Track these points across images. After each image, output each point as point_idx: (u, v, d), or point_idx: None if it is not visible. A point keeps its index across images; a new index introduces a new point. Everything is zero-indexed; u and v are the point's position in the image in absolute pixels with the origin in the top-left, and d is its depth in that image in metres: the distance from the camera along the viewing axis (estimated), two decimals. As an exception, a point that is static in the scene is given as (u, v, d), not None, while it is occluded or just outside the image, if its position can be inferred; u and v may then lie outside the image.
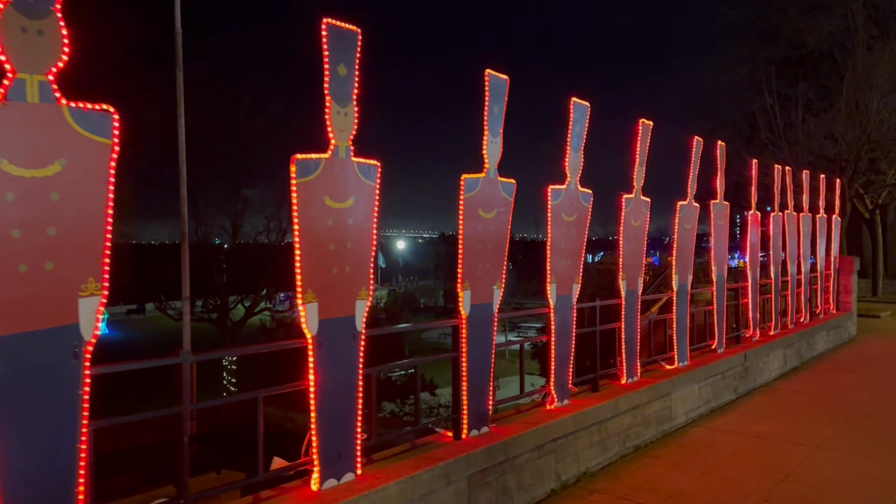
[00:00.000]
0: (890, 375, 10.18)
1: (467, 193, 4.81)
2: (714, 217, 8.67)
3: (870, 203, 23.89)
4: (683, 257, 7.87)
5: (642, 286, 7.09)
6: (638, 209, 6.89)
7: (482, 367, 4.99)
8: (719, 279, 8.78)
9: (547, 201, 5.68)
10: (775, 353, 9.98)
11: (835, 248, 14.01)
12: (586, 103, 5.92)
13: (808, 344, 11.46)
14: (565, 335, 5.89)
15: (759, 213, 10.03)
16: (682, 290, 7.85)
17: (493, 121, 4.95)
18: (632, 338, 6.87)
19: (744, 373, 8.84)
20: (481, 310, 4.96)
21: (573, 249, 5.94)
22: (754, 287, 9.88)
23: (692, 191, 7.87)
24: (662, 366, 7.66)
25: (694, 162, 7.87)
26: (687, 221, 7.86)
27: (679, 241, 7.75)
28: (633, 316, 6.90)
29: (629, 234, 6.80)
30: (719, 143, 8.73)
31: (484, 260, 4.95)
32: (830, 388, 9.23)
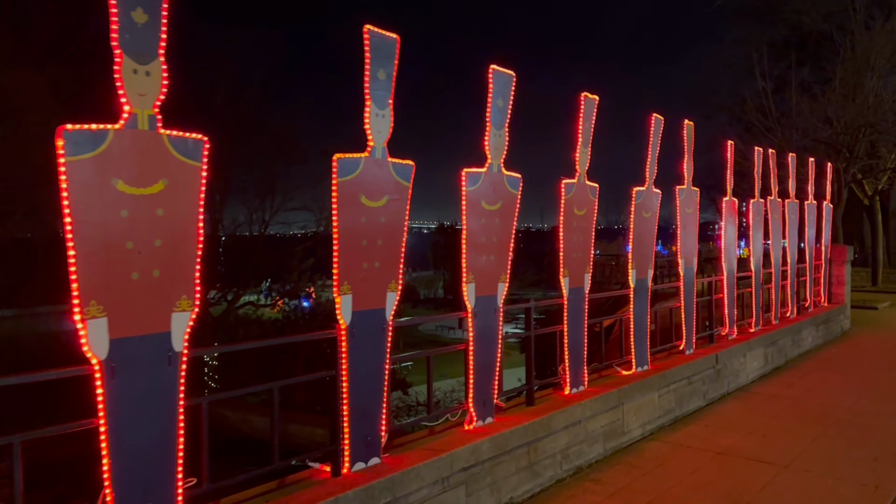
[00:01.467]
0: (879, 375, 9.34)
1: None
2: (681, 204, 7.82)
3: (869, 189, 22.93)
4: (642, 249, 7.02)
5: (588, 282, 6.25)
6: (582, 195, 6.06)
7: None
8: (687, 273, 7.94)
9: (462, 187, 4.85)
10: (754, 353, 9.14)
11: (826, 236, 13.13)
12: (510, 72, 5.08)
13: (793, 341, 10.62)
14: (487, 343, 5.07)
15: (735, 200, 9.18)
16: (640, 287, 7.01)
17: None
18: (577, 342, 6.04)
19: (715, 376, 8.02)
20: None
21: (498, 243, 5.11)
22: (730, 281, 9.04)
23: (651, 175, 7.03)
24: (618, 372, 6.84)
25: (652, 143, 7.02)
26: (645, 209, 7.01)
27: (636, 232, 6.91)
28: (578, 317, 6.07)
29: (571, 224, 5.96)
30: (686, 121, 7.87)
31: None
32: (812, 391, 8.40)
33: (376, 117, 4.12)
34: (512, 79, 5.10)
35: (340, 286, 4.01)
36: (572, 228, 5.99)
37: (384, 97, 4.17)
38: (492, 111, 4.98)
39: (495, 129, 5.03)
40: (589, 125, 6.04)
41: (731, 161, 8.96)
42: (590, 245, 6.20)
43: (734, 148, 10.11)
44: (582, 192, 6.06)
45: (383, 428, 4.23)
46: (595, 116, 6.10)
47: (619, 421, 6.20)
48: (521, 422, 5.09)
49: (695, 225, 8.06)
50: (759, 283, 9.98)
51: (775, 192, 10.63)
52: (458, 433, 4.81)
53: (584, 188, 6.07)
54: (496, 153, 5.05)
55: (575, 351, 6.03)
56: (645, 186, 7.00)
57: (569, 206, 5.93)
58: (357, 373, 4.07)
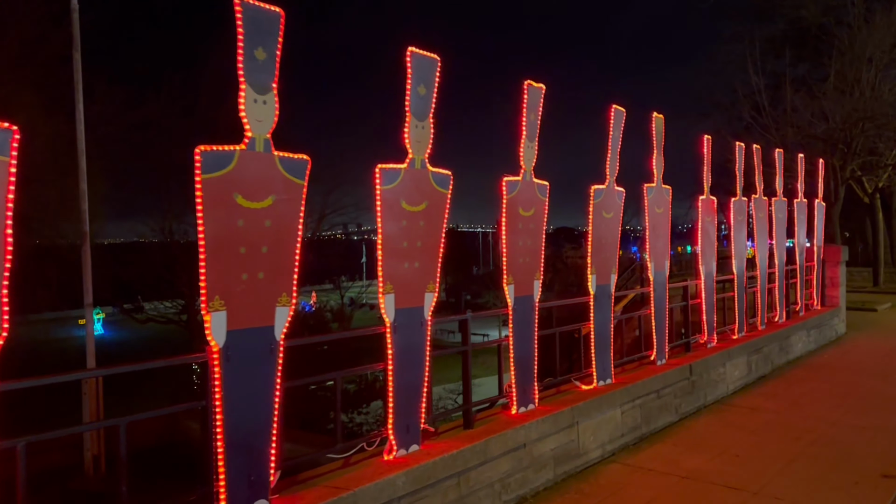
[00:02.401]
0: (871, 384, 8.72)
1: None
2: (649, 203, 7.24)
3: (869, 187, 22.24)
4: (603, 253, 6.45)
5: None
6: (529, 195, 5.50)
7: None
8: (657, 278, 7.36)
9: (376, 186, 4.29)
10: (736, 362, 8.55)
11: (818, 236, 12.52)
12: (433, 56, 4.52)
13: (781, 347, 10.01)
14: (411, 361, 4.50)
15: (713, 199, 8.59)
16: (602, 294, 6.44)
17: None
18: (524, 356, 5.47)
19: (690, 388, 7.43)
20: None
21: (423, 248, 4.55)
22: (709, 285, 8.45)
23: (612, 172, 6.46)
24: (578, 387, 6.26)
25: (613, 136, 6.45)
26: (606, 209, 6.44)
27: (595, 234, 6.34)
28: (526, 328, 5.51)
29: (515, 227, 5.40)
30: (654, 114, 7.30)
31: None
32: (796, 404, 7.80)
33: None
34: (435, 63, 4.55)
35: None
36: (517, 231, 5.43)
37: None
38: (411, 100, 4.42)
39: (417, 119, 4.47)
40: (534, 117, 5.48)
41: (707, 157, 8.37)
42: (539, 249, 5.64)
43: (728, 147, 9.69)
44: (528, 191, 5.50)
45: (272, 465, 3.67)
46: (542, 107, 5.54)
47: (573, 442, 5.62)
48: (452, 449, 4.52)
49: (666, 226, 7.48)
50: (743, 286, 9.38)
51: (760, 189, 10.03)
52: (374, 465, 4.25)
53: (530, 186, 5.51)
54: (418, 147, 4.49)
55: (522, 366, 5.46)
56: (605, 184, 6.43)
57: (513, 206, 5.36)
58: (234, 403, 3.50)
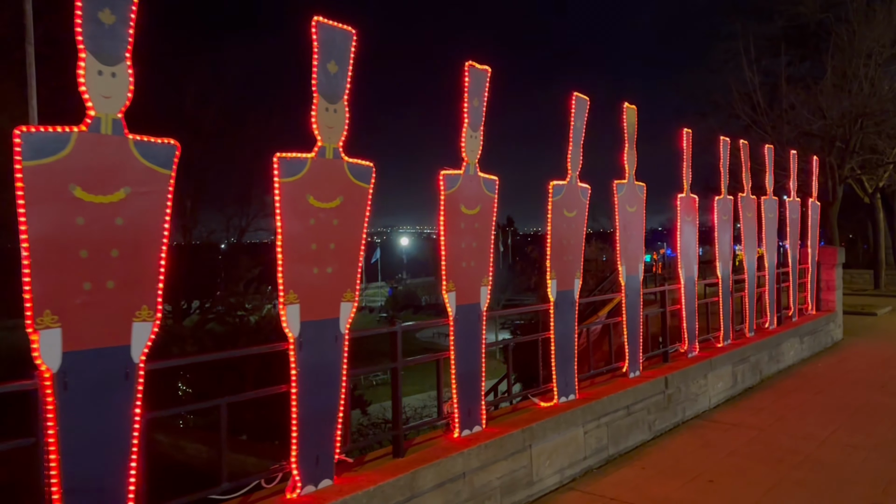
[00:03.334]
0: (866, 396, 8.09)
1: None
2: (620, 201, 6.63)
3: (869, 186, 21.57)
4: (565, 255, 5.85)
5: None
6: (473, 190, 4.90)
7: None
8: (630, 282, 6.74)
9: (275, 180, 3.70)
10: (719, 372, 7.93)
11: (813, 237, 11.89)
12: (347, 29, 3.93)
13: (770, 356, 9.38)
14: (322, 381, 3.90)
15: (694, 197, 7.98)
16: (564, 301, 5.83)
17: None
18: (469, 371, 4.87)
19: (665, 403, 6.81)
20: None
21: (338, 251, 3.96)
22: (689, 289, 7.84)
23: (574, 167, 5.86)
24: (536, 404, 5.66)
25: (575, 128, 5.85)
26: (567, 207, 5.84)
27: (556, 235, 5.74)
28: (472, 340, 4.91)
29: (457, 226, 4.80)
30: (625, 104, 6.71)
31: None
32: (783, 419, 7.17)
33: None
34: (350, 37, 3.96)
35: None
36: (460, 231, 4.83)
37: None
38: (319, 78, 3.83)
39: (327, 101, 3.88)
40: (478, 103, 4.89)
41: (686, 152, 7.77)
42: (487, 251, 5.04)
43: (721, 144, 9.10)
44: (473, 187, 4.90)
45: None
46: (487, 93, 4.94)
47: (524, 468, 5.01)
48: (369, 483, 3.92)
49: (639, 226, 6.87)
50: (728, 290, 8.76)
51: (748, 188, 9.42)
52: (276, 503, 3.66)
53: (475, 181, 4.92)
54: (329, 134, 3.90)
55: (467, 383, 4.86)
56: (566, 180, 5.83)
57: (453, 203, 4.76)
58: (72, 440, 2.89)
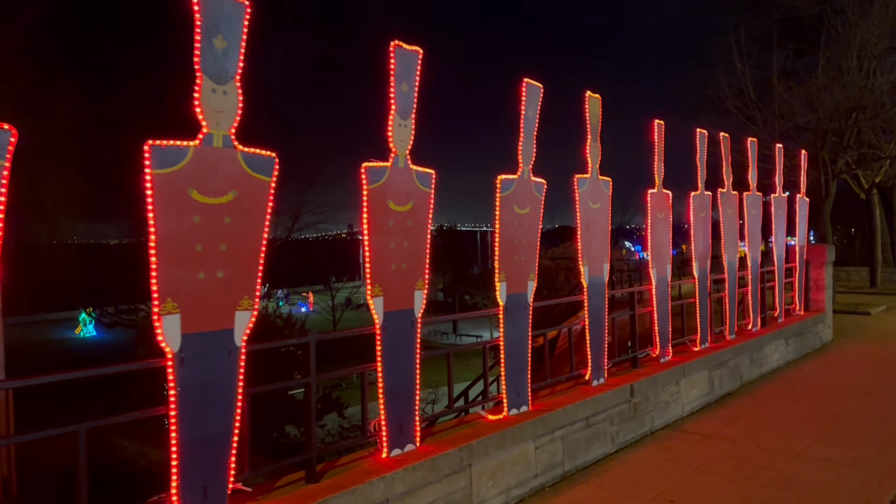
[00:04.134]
0: (851, 403, 7.63)
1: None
2: (581, 197, 6.17)
3: (865, 182, 21.06)
4: (516, 256, 5.39)
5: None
6: (404, 185, 4.45)
7: None
8: (593, 284, 6.29)
9: (146, 170, 3.25)
10: (693, 378, 7.47)
11: (801, 234, 11.42)
12: (242, 2, 3.48)
13: (752, 360, 8.92)
14: (211, 401, 3.45)
15: (668, 193, 7.52)
16: (514, 305, 5.38)
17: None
18: (401, 385, 4.43)
19: (631, 413, 6.36)
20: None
21: (231, 252, 3.51)
22: (661, 290, 7.38)
23: (527, 160, 5.41)
24: (484, 417, 5.22)
25: (527, 116, 5.39)
26: (519, 204, 5.38)
27: (504, 234, 5.28)
28: (404, 350, 4.46)
29: (384, 225, 4.35)
30: (588, 93, 6.24)
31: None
32: (759, 429, 6.71)
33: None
34: (243, 8, 3.50)
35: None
36: (388, 230, 4.38)
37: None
38: (203, 55, 3.37)
39: (214, 82, 3.43)
40: (407, 89, 4.43)
41: (658, 144, 7.31)
42: (423, 252, 4.59)
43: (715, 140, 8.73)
44: (402, 181, 4.45)
45: None
46: (418, 79, 4.49)
47: (462, 491, 4.57)
48: (268, 514, 3.48)
49: (603, 223, 6.41)
50: (706, 291, 8.30)
51: (728, 183, 8.95)
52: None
53: (405, 175, 4.47)
54: (218, 120, 3.44)
55: (397, 397, 4.41)
56: (517, 174, 5.37)
57: (378, 198, 4.31)
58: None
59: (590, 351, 6.27)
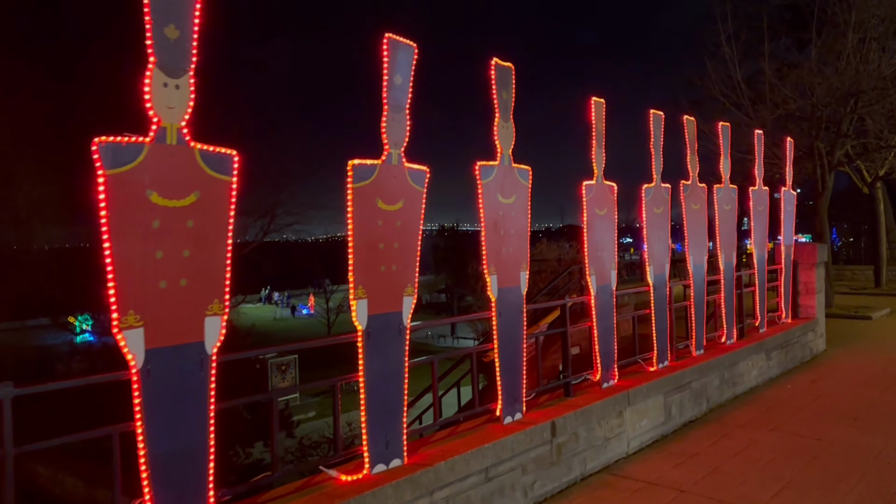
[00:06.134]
0: (836, 433, 6.38)
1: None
2: (487, 190, 4.96)
3: (868, 175, 19.69)
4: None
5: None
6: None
7: None
8: (503, 298, 5.08)
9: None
10: (642, 406, 6.25)
11: (787, 232, 10.16)
12: None
13: (723, 379, 7.68)
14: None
15: (611, 185, 6.31)
16: (381, 327, 4.17)
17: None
18: (184, 449, 3.24)
19: (553, 457, 5.14)
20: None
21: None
22: (603, 302, 6.16)
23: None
24: (334, 478, 4.02)
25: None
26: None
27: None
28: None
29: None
30: (491, 59, 5.04)
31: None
32: (718, 472, 5.47)
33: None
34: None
35: None
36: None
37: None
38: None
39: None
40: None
41: (595, 125, 6.09)
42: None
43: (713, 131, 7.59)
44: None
45: None
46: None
47: (278, 585, 3.39)
48: None
49: (517, 221, 5.20)
50: (665, 300, 7.08)
51: (693, 174, 7.72)
52: None
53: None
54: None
55: (174, 464, 3.23)
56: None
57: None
58: None
59: (500, 380, 5.06)
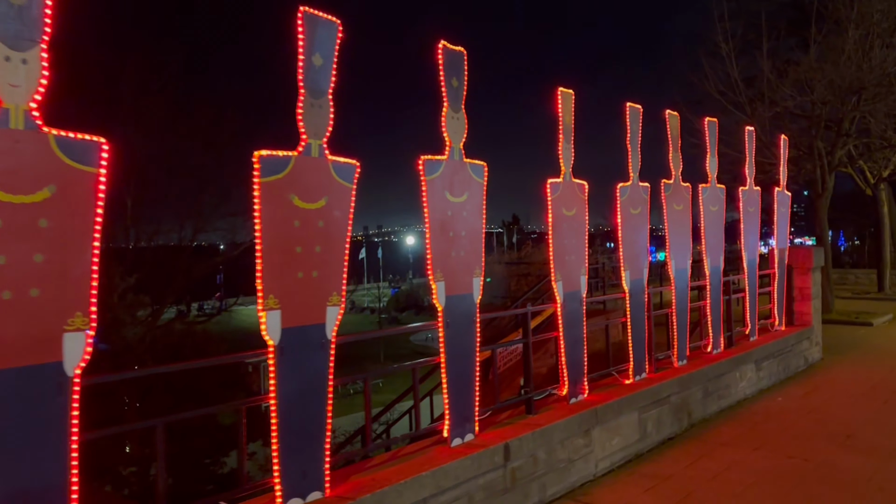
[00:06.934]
0: (825, 452, 5.86)
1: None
2: (432, 188, 4.48)
3: (871, 176, 19.08)
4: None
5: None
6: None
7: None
8: (451, 307, 4.59)
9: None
10: (615, 424, 5.75)
11: (781, 235, 9.63)
12: None
13: (707, 392, 7.17)
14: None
15: (581, 184, 5.82)
16: (292, 344, 3.69)
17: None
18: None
19: (507, 483, 4.65)
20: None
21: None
22: (570, 310, 5.67)
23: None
24: (245, 508, 3.55)
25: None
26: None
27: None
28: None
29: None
30: (438, 43, 4.56)
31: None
32: (689, 499, 4.95)
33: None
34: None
35: None
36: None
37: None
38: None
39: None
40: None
41: (562, 117, 5.60)
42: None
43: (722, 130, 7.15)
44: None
45: None
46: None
47: None
48: None
49: (469, 222, 4.71)
50: (642, 307, 6.58)
51: (676, 172, 7.22)
52: None
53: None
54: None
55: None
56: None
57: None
58: None
59: (447, 398, 4.57)
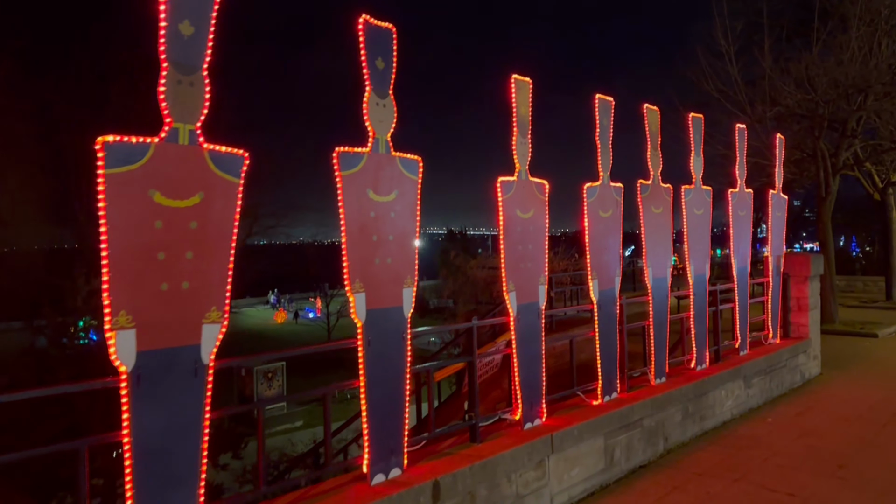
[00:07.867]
0: (813, 485, 5.21)
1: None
2: (349, 187, 3.90)
3: (878, 180, 18.33)
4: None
5: None
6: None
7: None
8: (375, 322, 4.00)
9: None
10: (574, 452, 5.13)
11: (775, 241, 8.98)
12: None
13: (686, 413, 6.54)
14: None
15: (542, 183, 5.22)
16: (149, 374, 3.12)
17: None
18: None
19: (436, 526, 4.05)
20: None
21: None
22: (525, 324, 5.06)
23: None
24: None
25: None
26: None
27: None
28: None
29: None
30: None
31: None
32: (653, 544, 4.35)
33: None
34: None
35: None
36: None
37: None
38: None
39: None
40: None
41: (516, 109, 5.01)
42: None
43: None
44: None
45: None
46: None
47: None
48: None
49: (398, 224, 4.12)
50: (613, 319, 5.96)
51: (655, 172, 6.61)
52: None
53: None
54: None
55: None
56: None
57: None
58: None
59: (367, 428, 3.98)
